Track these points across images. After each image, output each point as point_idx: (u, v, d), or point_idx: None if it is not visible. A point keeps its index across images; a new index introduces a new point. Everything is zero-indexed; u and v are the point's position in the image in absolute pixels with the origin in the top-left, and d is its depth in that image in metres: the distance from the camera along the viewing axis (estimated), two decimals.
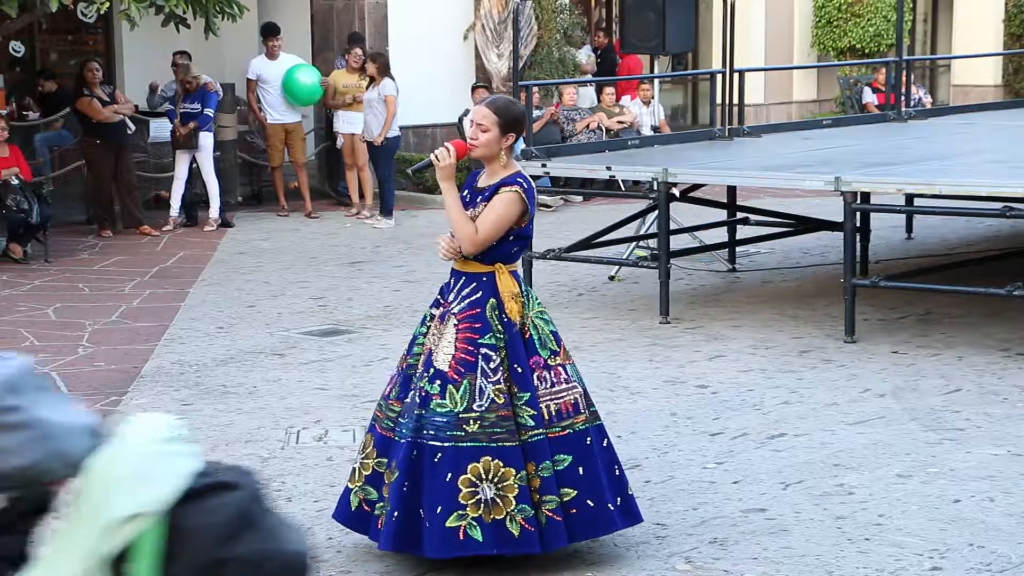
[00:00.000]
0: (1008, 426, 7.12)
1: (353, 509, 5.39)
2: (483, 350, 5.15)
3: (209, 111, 14.26)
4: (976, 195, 9.17)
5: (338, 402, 7.78)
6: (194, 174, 14.41)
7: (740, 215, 11.66)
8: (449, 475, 5.06)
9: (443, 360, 5.17)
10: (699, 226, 11.70)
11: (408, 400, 5.25)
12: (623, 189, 15.33)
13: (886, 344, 8.95)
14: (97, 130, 13.74)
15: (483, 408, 5.10)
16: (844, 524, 5.74)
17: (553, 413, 5.20)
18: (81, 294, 11.09)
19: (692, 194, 11.20)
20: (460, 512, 5.05)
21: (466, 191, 5.40)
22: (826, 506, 5.95)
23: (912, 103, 14.69)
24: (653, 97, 16.81)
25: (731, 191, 11.66)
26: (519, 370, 5.17)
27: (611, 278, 11.24)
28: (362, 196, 15.09)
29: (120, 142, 13.95)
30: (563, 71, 17.53)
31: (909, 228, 13.10)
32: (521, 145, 5.44)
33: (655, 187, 9.66)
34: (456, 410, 5.10)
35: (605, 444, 5.35)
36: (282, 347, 9.05)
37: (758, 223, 11.67)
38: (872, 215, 11.26)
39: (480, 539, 5.04)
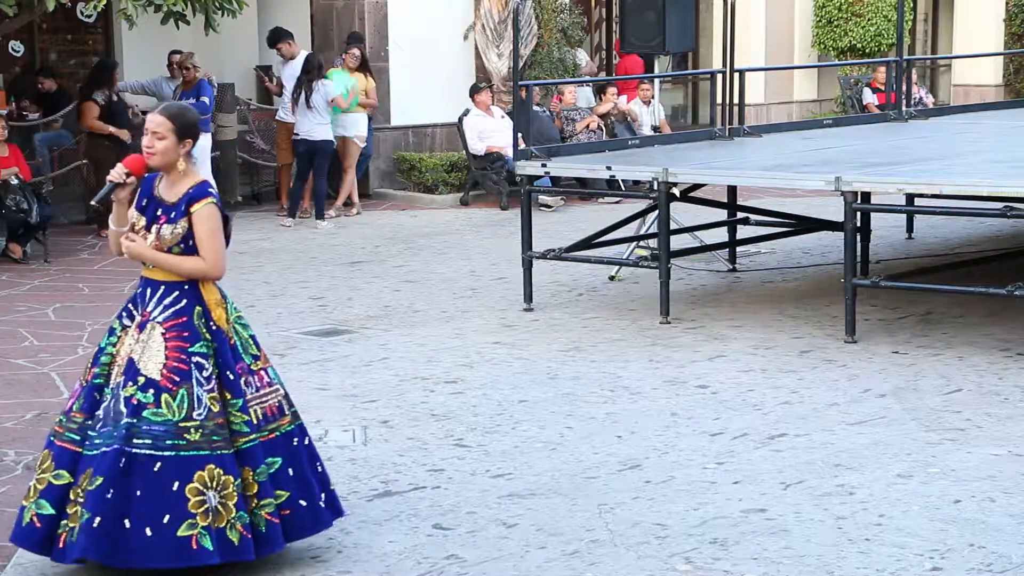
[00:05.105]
0: (1009, 426, 7.11)
1: (24, 525, 5.29)
2: (195, 359, 5.17)
3: (205, 99, 14.20)
4: (977, 195, 9.15)
5: (338, 402, 7.77)
6: None
7: (740, 215, 11.65)
8: (176, 484, 5.06)
9: (154, 369, 5.15)
10: (699, 226, 11.68)
11: (105, 411, 5.18)
12: (623, 189, 15.33)
13: (887, 344, 8.94)
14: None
15: (202, 416, 5.13)
16: (845, 524, 5.73)
17: (260, 417, 5.26)
18: (81, 294, 11.09)
19: (692, 194, 11.18)
20: (191, 521, 5.05)
21: (145, 199, 5.33)
22: (826, 506, 5.95)
23: (914, 103, 14.67)
24: (653, 97, 16.80)
25: (731, 191, 11.65)
26: (230, 376, 5.22)
27: (611, 278, 11.23)
28: (345, 198, 15.28)
29: (126, 143, 13.94)
30: (563, 71, 17.53)
31: (910, 228, 13.10)
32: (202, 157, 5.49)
33: (655, 187, 9.66)
34: (175, 419, 5.11)
35: (307, 442, 5.42)
36: (282, 347, 9.03)
37: (758, 223, 11.66)
38: (873, 215, 11.24)
39: (211, 548, 5.04)
